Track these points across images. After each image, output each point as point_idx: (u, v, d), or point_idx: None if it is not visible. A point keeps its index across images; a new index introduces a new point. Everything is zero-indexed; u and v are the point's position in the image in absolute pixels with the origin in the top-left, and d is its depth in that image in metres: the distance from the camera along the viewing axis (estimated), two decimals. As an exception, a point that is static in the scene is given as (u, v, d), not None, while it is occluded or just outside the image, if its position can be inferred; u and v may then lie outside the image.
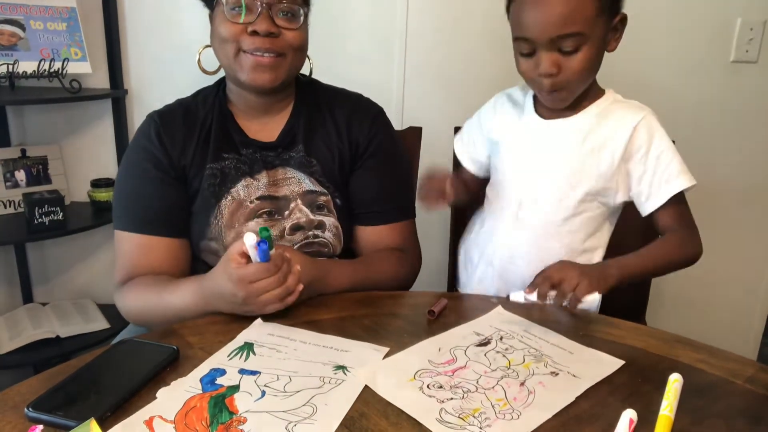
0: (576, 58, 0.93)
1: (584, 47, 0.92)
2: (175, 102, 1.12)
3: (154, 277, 1.02)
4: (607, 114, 1.01)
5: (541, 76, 0.95)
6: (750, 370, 0.79)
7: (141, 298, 0.99)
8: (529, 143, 1.06)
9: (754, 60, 1.74)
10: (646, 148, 0.99)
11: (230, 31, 1.00)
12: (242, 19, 0.99)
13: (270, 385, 0.74)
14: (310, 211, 1.08)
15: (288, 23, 1.02)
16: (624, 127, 0.99)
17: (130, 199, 1.06)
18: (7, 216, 1.67)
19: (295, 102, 1.12)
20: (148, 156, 1.05)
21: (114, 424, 0.65)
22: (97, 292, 1.88)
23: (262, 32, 0.98)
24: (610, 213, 1.06)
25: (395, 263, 1.12)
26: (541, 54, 0.94)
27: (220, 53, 1.04)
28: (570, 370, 0.78)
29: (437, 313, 0.92)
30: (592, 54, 0.93)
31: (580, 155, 1.01)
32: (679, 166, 0.99)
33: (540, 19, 0.91)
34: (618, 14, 0.97)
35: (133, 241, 1.04)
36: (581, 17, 0.90)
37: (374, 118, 1.14)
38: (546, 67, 0.93)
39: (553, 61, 0.93)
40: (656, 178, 0.99)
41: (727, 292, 1.94)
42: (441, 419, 0.68)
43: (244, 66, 1.01)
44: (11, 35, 1.56)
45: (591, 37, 0.92)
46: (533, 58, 0.95)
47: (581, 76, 0.95)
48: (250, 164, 1.08)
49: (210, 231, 1.06)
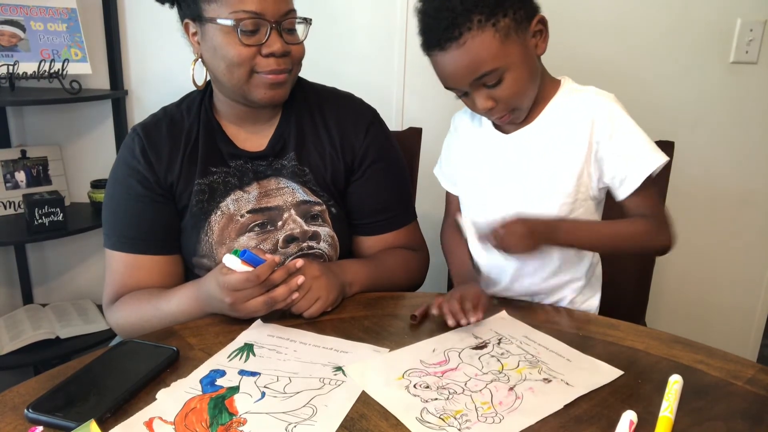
0: (503, 87, 0.92)
1: (506, 75, 0.91)
2: (160, 111, 1.10)
3: (146, 290, 1.01)
4: (565, 109, 0.99)
5: (483, 112, 0.96)
6: (750, 371, 0.79)
7: (135, 312, 0.99)
8: (495, 159, 1.04)
9: (754, 60, 1.73)
10: (610, 132, 0.95)
11: (243, 55, 0.95)
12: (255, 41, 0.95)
13: (270, 387, 0.74)
14: (304, 222, 1.06)
15: (293, 38, 1.00)
16: (584, 118, 0.97)
17: (117, 218, 1.05)
18: (7, 217, 1.67)
19: (284, 107, 1.09)
20: (133, 173, 1.03)
21: (114, 425, 0.66)
22: (97, 293, 1.88)
23: (278, 53, 0.96)
24: (595, 208, 1.04)
25: (407, 261, 1.12)
26: (472, 94, 0.94)
27: (226, 75, 0.98)
28: (564, 377, 0.77)
29: (419, 318, 0.92)
30: (517, 75, 0.92)
31: (547, 160, 0.99)
32: (647, 144, 0.96)
33: (451, 72, 0.92)
34: (533, 20, 0.93)
35: (121, 260, 1.03)
36: (488, 57, 0.89)
37: (369, 124, 1.11)
38: (481, 104, 0.94)
39: (485, 97, 0.93)
40: (627, 160, 0.96)
41: (727, 292, 1.94)
42: (421, 419, 0.68)
43: (259, 87, 0.98)
44: (11, 36, 1.56)
45: (507, 64, 0.91)
46: (469, 98, 0.96)
47: (519, 98, 0.95)
48: (239, 176, 1.05)
49: (201, 248, 1.04)
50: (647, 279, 1.40)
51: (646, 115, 1.08)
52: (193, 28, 1.00)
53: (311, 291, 0.91)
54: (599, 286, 1.11)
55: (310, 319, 0.91)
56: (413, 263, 1.14)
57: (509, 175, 1.03)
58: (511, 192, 1.03)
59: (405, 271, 1.12)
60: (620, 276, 1.20)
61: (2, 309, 1.78)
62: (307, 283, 0.91)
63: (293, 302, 0.90)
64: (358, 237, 1.14)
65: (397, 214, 1.13)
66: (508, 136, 1.03)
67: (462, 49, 0.89)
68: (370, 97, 1.18)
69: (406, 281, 1.11)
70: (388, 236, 1.13)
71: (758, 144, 1.81)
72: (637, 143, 0.96)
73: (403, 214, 1.16)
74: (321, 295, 0.92)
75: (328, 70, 1.24)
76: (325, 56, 1.59)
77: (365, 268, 1.05)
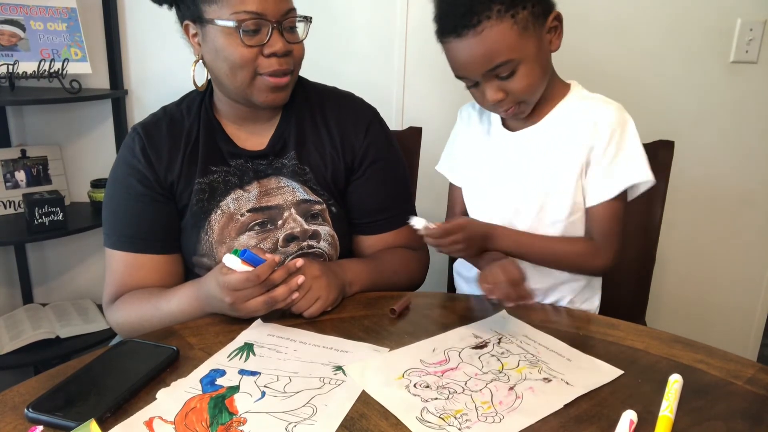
0: (516, 79, 0.92)
1: (520, 67, 0.92)
2: (160, 110, 1.09)
3: (146, 289, 1.01)
4: (573, 113, 1.00)
5: (491, 104, 0.96)
6: (750, 370, 0.79)
7: (135, 311, 0.99)
8: (498, 156, 1.05)
9: (754, 60, 1.73)
10: (606, 141, 0.96)
11: (245, 56, 0.95)
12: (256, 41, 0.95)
13: (270, 386, 0.74)
14: (304, 221, 1.06)
15: (293, 37, 1.00)
16: (587, 124, 0.97)
17: (117, 217, 1.05)
18: (7, 216, 1.67)
19: (285, 106, 1.08)
20: (133, 173, 1.03)
21: (114, 425, 0.66)
22: (97, 292, 1.87)
23: (280, 53, 0.96)
24: None
25: (408, 261, 1.13)
26: (483, 85, 0.94)
27: (229, 77, 0.98)
28: (564, 377, 0.77)
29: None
30: (530, 69, 0.92)
31: (549, 161, 1.00)
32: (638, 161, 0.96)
33: (466, 60, 0.92)
34: (549, 15, 0.94)
35: (121, 259, 1.03)
36: (504, 47, 0.90)
37: (369, 123, 1.11)
38: (491, 96, 0.94)
39: (496, 88, 0.93)
40: (608, 171, 0.97)
41: (727, 292, 1.94)
42: (421, 418, 0.68)
43: (261, 89, 0.98)
44: (11, 35, 1.56)
45: (522, 56, 0.91)
46: (479, 89, 0.96)
47: (529, 92, 0.95)
48: (239, 175, 1.06)
49: (201, 247, 1.04)
50: (647, 279, 1.40)
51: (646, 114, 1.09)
52: (194, 29, 1.00)
53: (311, 291, 0.91)
54: (599, 287, 1.11)
55: (310, 319, 0.91)
56: (413, 263, 1.14)
57: (511, 173, 1.03)
58: (511, 190, 1.03)
59: (405, 270, 1.12)
60: (620, 276, 1.20)
61: (2, 309, 1.78)
62: (308, 282, 0.91)
63: (293, 302, 0.90)
64: (358, 236, 1.14)
65: (397, 213, 1.13)
66: (513, 134, 1.03)
67: (479, 38, 0.89)
68: (370, 96, 1.18)
69: (406, 281, 1.11)
70: (389, 236, 1.13)
71: (758, 144, 1.81)
72: (627, 158, 0.96)
73: (404, 213, 1.15)
74: (321, 294, 0.92)
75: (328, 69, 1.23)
76: (325, 56, 1.59)
77: (366, 268, 1.05)
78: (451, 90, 1.70)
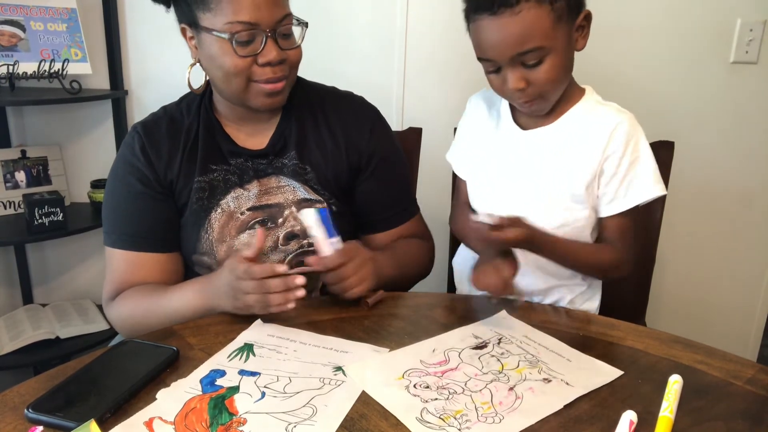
0: (541, 69, 0.91)
1: (548, 58, 0.90)
2: (160, 110, 1.10)
3: (148, 285, 1.01)
4: (586, 119, 0.99)
5: (511, 91, 0.95)
6: (750, 371, 0.79)
7: (138, 308, 0.99)
8: (507, 153, 1.04)
9: (754, 60, 1.73)
10: (622, 152, 0.96)
11: (239, 65, 0.95)
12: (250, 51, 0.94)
13: (270, 386, 0.74)
14: None
15: (289, 43, 0.99)
16: (603, 131, 0.97)
17: (117, 215, 1.05)
18: (7, 217, 1.67)
19: (285, 106, 1.08)
20: (133, 171, 1.03)
21: (114, 425, 0.65)
22: (97, 292, 1.87)
23: (274, 62, 0.96)
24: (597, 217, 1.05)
25: (420, 250, 1.15)
26: (506, 71, 0.92)
27: (224, 84, 0.98)
28: (564, 377, 0.77)
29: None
30: (557, 62, 0.91)
31: (560, 163, 0.99)
32: (652, 175, 0.97)
33: (497, 40, 0.90)
34: (581, 13, 0.94)
35: (121, 257, 1.03)
36: (538, 32, 0.88)
37: (373, 123, 1.12)
38: (513, 83, 0.92)
39: (519, 76, 0.92)
40: (625, 183, 0.98)
41: (727, 292, 1.94)
42: (421, 419, 0.68)
43: (256, 95, 0.98)
44: (11, 36, 1.56)
45: (553, 47, 0.90)
46: (500, 75, 0.94)
47: (551, 85, 0.94)
48: (239, 174, 1.06)
49: (201, 245, 1.04)
50: (647, 279, 1.40)
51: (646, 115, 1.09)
52: (190, 32, 1.00)
53: (361, 272, 0.92)
54: (599, 287, 1.11)
55: (310, 320, 0.91)
56: (424, 252, 1.17)
57: (520, 171, 1.03)
58: (520, 188, 1.03)
59: (418, 259, 1.14)
60: (620, 276, 1.20)
61: (2, 309, 1.78)
62: (358, 263, 0.92)
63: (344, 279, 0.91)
64: (368, 235, 1.15)
65: (405, 206, 1.16)
66: (525, 132, 1.03)
67: (515, 18, 0.87)
68: (370, 96, 1.18)
69: (417, 270, 1.14)
70: (400, 229, 1.15)
71: (758, 144, 1.81)
72: (642, 171, 0.97)
73: (411, 205, 1.19)
74: (367, 278, 0.93)
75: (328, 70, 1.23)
76: (325, 56, 1.59)
77: (389, 261, 1.05)
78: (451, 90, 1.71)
